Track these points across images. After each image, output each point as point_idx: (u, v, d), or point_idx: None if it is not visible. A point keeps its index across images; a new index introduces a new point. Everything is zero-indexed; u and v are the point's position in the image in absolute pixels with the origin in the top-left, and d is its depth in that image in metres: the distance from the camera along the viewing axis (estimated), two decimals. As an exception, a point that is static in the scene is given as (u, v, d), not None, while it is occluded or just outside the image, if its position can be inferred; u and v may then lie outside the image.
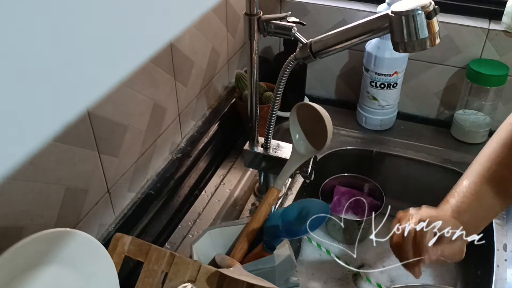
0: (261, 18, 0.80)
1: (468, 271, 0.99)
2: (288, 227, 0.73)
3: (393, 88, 1.11)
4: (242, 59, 1.21)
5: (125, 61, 0.24)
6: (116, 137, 0.77)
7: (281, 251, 0.75)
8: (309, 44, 0.76)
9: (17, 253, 0.50)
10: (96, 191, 0.74)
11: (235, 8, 1.11)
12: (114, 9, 0.22)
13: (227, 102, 1.14)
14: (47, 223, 0.65)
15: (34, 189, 0.61)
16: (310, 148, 0.80)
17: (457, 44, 1.08)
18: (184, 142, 1.00)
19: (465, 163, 1.00)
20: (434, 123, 1.19)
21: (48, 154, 0.63)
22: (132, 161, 0.83)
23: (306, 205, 0.75)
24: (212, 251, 0.76)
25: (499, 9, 1.06)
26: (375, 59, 1.07)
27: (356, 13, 1.13)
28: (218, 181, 1.05)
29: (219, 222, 0.94)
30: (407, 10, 0.64)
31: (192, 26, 0.94)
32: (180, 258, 0.66)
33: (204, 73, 1.03)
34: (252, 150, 0.94)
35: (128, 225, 0.82)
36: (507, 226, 0.94)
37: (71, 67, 0.21)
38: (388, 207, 0.77)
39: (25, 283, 0.53)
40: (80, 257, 0.59)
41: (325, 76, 1.25)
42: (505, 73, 1.03)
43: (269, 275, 0.72)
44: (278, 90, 0.84)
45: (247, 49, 0.84)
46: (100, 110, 0.71)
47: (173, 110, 0.93)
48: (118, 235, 0.69)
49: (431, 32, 0.64)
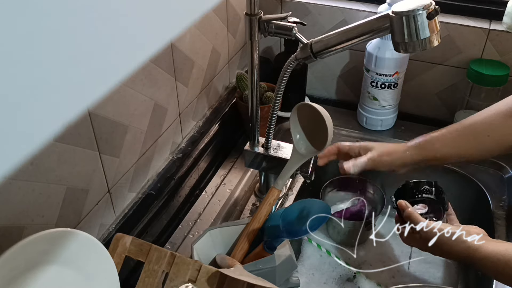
0: (262, 18, 0.80)
1: (469, 271, 0.99)
2: (288, 227, 0.73)
3: (394, 88, 1.11)
4: (242, 59, 1.21)
5: (126, 61, 0.24)
6: (117, 137, 0.77)
7: (281, 251, 0.75)
8: (309, 44, 0.76)
9: (17, 253, 0.50)
10: (97, 191, 0.74)
11: (235, 8, 1.11)
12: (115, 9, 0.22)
13: (227, 102, 1.14)
14: (47, 223, 0.65)
15: (35, 189, 0.61)
16: (311, 148, 0.80)
17: (458, 44, 1.08)
18: (185, 142, 1.00)
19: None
20: (434, 123, 1.18)
21: (49, 154, 0.63)
22: (133, 161, 0.83)
23: (307, 206, 0.75)
24: (212, 251, 0.76)
25: (500, 10, 1.05)
26: (375, 59, 1.07)
27: (357, 13, 1.13)
28: (218, 181, 1.05)
29: (219, 222, 0.94)
30: (408, 10, 0.64)
31: (193, 26, 0.94)
32: (180, 258, 0.66)
33: (205, 73, 1.03)
34: (253, 150, 0.94)
35: (129, 225, 0.82)
36: (508, 226, 0.94)
37: (72, 67, 0.21)
38: (388, 207, 0.77)
39: (26, 283, 0.53)
40: (81, 257, 0.59)
41: (326, 76, 1.25)
42: (505, 73, 1.03)
43: (270, 275, 0.72)
44: (279, 90, 0.84)
45: (247, 49, 0.84)
46: (100, 110, 0.71)
47: (173, 110, 0.93)
48: (118, 235, 0.69)
49: (432, 33, 0.64)
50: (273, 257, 0.74)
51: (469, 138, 0.83)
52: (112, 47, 0.23)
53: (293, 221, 0.73)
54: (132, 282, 0.69)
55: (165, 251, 0.67)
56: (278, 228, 0.74)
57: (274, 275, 0.74)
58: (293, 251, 0.79)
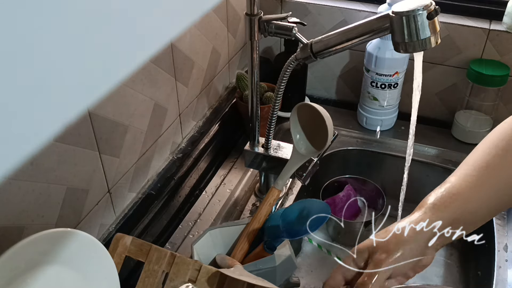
0: (262, 19, 0.80)
1: (469, 272, 0.99)
2: (288, 228, 0.73)
3: (394, 89, 1.11)
4: (242, 59, 1.21)
5: (126, 61, 0.24)
6: (117, 137, 0.77)
7: (281, 251, 0.75)
8: (309, 45, 0.76)
9: (17, 253, 0.50)
10: (97, 191, 0.74)
11: (236, 9, 1.11)
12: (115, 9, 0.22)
13: (227, 102, 1.14)
14: (48, 223, 0.65)
15: (35, 189, 0.61)
16: (311, 148, 0.80)
17: (458, 44, 1.08)
18: (185, 142, 1.00)
19: (465, 163, 1.00)
20: (434, 123, 1.19)
21: (49, 154, 0.63)
22: (133, 161, 0.83)
23: (307, 206, 0.75)
24: (212, 251, 0.76)
25: (500, 10, 1.06)
26: (375, 60, 1.07)
27: (357, 13, 1.13)
28: (218, 181, 1.05)
29: (219, 222, 0.94)
30: (408, 10, 0.64)
31: (193, 26, 0.94)
32: (180, 258, 0.66)
33: (205, 73, 1.03)
34: (253, 150, 0.94)
35: (129, 225, 0.82)
36: (508, 226, 0.94)
37: (72, 67, 0.21)
38: (388, 207, 0.77)
39: (26, 283, 0.53)
40: (81, 257, 0.59)
41: (326, 76, 1.25)
42: (505, 74, 1.03)
43: (270, 275, 0.72)
44: (279, 90, 0.84)
45: (247, 49, 0.84)
46: (101, 110, 0.71)
47: (173, 110, 0.93)
48: (118, 235, 0.69)
49: (432, 33, 0.64)
50: (273, 257, 0.74)
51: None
52: (112, 47, 0.23)
53: (293, 221, 0.73)
54: (132, 282, 0.69)
55: (165, 251, 0.67)
56: (278, 228, 0.74)
57: (274, 275, 0.74)
58: (293, 251, 0.79)
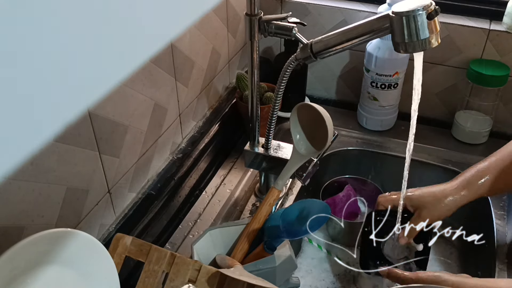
0: (262, 19, 0.80)
1: (469, 272, 0.98)
2: (288, 228, 0.73)
3: (394, 89, 1.11)
4: (242, 59, 1.21)
5: (126, 61, 0.24)
6: (117, 137, 0.77)
7: (281, 252, 0.75)
8: (309, 45, 0.76)
9: (18, 253, 0.50)
10: (97, 191, 0.74)
11: (236, 9, 1.11)
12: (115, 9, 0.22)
13: (227, 103, 1.14)
14: (48, 223, 0.65)
15: (35, 189, 0.61)
16: (311, 148, 0.80)
17: (458, 44, 1.08)
18: (185, 142, 1.00)
19: (466, 163, 1.00)
20: (434, 124, 1.19)
21: (49, 154, 0.63)
22: (133, 161, 0.83)
23: (307, 206, 0.75)
24: (212, 251, 0.76)
25: (500, 10, 1.06)
26: (375, 60, 1.07)
27: (357, 13, 1.13)
28: (218, 181, 1.05)
29: (219, 223, 0.94)
30: (408, 10, 0.64)
31: (193, 27, 0.94)
32: (180, 259, 0.66)
33: (205, 74, 1.03)
34: (253, 150, 0.94)
35: (129, 225, 0.82)
36: (508, 226, 0.94)
37: (72, 67, 0.21)
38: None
39: (26, 283, 0.53)
40: (81, 257, 0.59)
41: (326, 76, 1.25)
42: (505, 74, 1.03)
43: (270, 276, 0.72)
44: (279, 90, 0.84)
45: (247, 50, 0.84)
46: (101, 110, 0.71)
47: (173, 110, 0.93)
48: (118, 235, 0.69)
49: (432, 33, 0.64)
50: (273, 257, 0.74)
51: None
52: (112, 47, 0.23)
53: (293, 221, 0.73)
54: (132, 282, 0.69)
55: (165, 251, 0.67)
56: (278, 229, 0.74)
57: (274, 275, 0.74)
58: (293, 251, 0.79)
